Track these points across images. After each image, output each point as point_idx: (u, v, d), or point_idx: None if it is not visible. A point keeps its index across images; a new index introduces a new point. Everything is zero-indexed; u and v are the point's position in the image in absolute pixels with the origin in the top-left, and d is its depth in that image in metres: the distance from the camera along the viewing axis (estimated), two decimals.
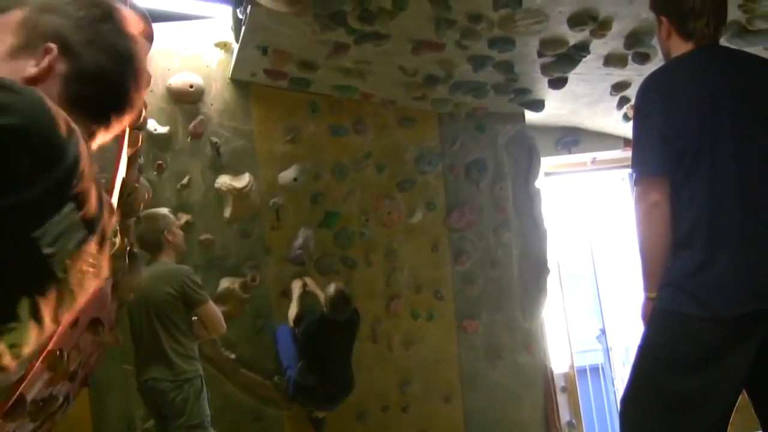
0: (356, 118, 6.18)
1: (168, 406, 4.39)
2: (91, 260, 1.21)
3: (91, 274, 1.22)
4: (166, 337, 4.40)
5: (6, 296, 1.07)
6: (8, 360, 1.10)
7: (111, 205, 1.27)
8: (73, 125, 1.11)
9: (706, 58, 2.79)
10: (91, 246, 1.19)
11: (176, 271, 4.52)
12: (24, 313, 1.08)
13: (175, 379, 4.36)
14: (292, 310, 5.54)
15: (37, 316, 1.11)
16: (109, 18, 1.34)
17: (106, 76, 1.31)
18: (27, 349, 1.12)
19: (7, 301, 1.07)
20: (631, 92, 5.63)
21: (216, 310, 4.61)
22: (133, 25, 1.40)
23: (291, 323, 5.50)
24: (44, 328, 1.12)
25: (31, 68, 1.24)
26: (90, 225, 1.17)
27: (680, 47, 2.84)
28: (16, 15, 1.29)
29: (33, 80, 1.23)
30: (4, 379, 1.82)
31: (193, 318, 4.54)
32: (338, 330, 5.39)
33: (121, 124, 1.40)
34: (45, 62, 1.25)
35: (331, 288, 5.36)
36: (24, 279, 1.09)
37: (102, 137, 1.36)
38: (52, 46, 1.25)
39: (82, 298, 1.22)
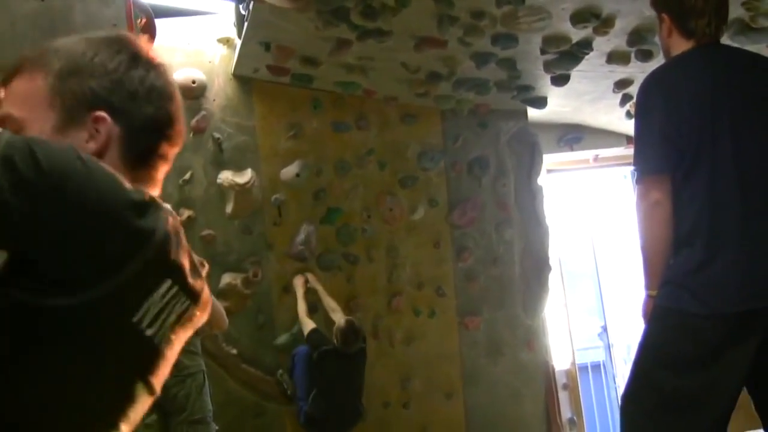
0: (359, 115, 6.18)
1: (170, 401, 4.38)
2: (194, 323, 1.25)
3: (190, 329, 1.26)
4: None
5: (122, 382, 1.11)
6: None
7: (203, 264, 1.33)
8: (158, 201, 1.15)
9: (707, 56, 2.79)
10: (195, 312, 1.23)
11: None
12: (141, 394, 1.14)
13: (176, 374, 4.35)
14: (306, 325, 5.52)
15: (151, 391, 1.18)
16: (137, 58, 1.31)
17: (158, 123, 1.30)
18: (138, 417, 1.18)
19: (124, 386, 1.11)
20: (634, 89, 5.62)
21: (219, 306, 4.59)
22: (148, 46, 1.38)
23: (305, 336, 5.49)
24: (155, 394, 1.19)
25: (89, 145, 1.19)
26: (191, 294, 1.19)
27: (681, 45, 2.84)
28: (40, 84, 1.21)
29: (96, 156, 1.17)
30: None
31: None
32: (349, 360, 5.40)
33: (176, 149, 1.39)
34: (103, 135, 1.21)
35: (342, 321, 5.36)
36: (133, 362, 1.12)
37: (164, 169, 1.38)
38: (103, 115, 1.21)
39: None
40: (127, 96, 1.24)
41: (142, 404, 1.18)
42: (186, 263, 1.18)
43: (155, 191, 1.32)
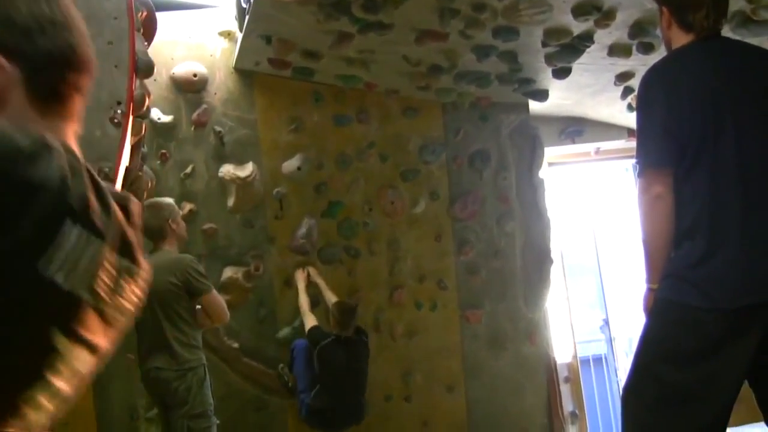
0: (360, 108, 6.17)
1: (171, 395, 4.39)
2: (113, 268, 1.14)
3: (129, 280, 1.17)
4: (168, 326, 4.41)
5: (39, 334, 1.04)
6: (63, 386, 1.09)
7: (124, 198, 1.20)
8: (50, 142, 1.02)
9: (707, 50, 2.78)
10: (109, 253, 1.12)
11: (179, 260, 4.52)
12: (63, 345, 1.05)
13: (178, 368, 4.36)
14: (308, 319, 5.52)
15: (82, 342, 1.08)
16: None
17: (61, 56, 1.20)
18: (84, 372, 1.10)
19: (40, 339, 1.03)
20: (635, 82, 5.60)
21: (219, 299, 4.62)
22: None
23: (306, 333, 5.49)
24: (99, 349, 1.10)
25: None
26: (99, 233, 1.09)
27: (681, 38, 2.84)
28: None
29: None
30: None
31: (197, 307, 4.55)
32: (350, 348, 5.39)
33: (87, 77, 1.28)
34: None
35: (332, 305, 5.43)
36: (49, 313, 1.05)
37: (81, 100, 1.26)
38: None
39: (132, 305, 1.20)
40: (19, 34, 1.16)
41: (78, 358, 1.13)
42: (93, 204, 1.06)
43: (75, 126, 1.23)
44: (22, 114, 1.12)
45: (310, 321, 5.47)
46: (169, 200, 4.78)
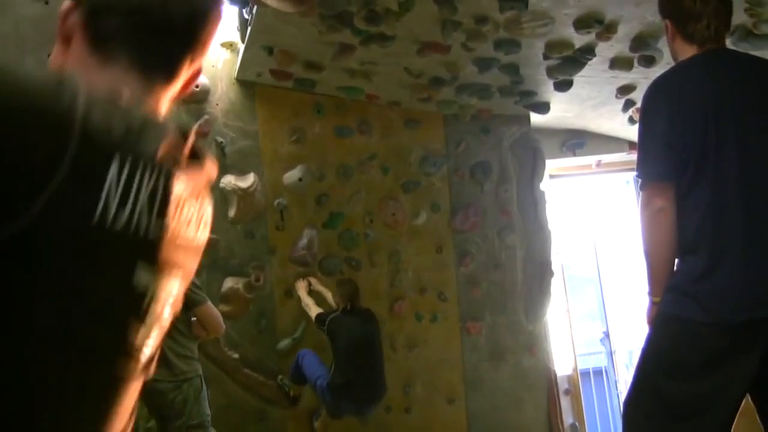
0: (361, 120, 6.18)
1: (167, 406, 4.38)
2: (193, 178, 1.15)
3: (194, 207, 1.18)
4: (164, 337, 4.39)
5: (118, 282, 1.04)
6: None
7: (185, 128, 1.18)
8: (69, 77, 1.00)
9: (710, 62, 2.78)
10: (177, 174, 1.10)
11: None
12: (150, 280, 1.07)
13: (174, 379, 4.36)
14: (312, 310, 5.52)
15: (166, 270, 1.10)
16: None
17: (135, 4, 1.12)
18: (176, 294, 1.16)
19: (123, 286, 1.04)
20: (637, 95, 5.63)
21: (214, 311, 4.61)
22: None
23: (314, 321, 5.48)
24: (174, 269, 1.13)
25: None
26: (152, 159, 1.05)
27: (685, 50, 2.85)
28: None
29: (61, 58, 1.12)
30: None
31: (192, 319, 4.55)
32: (361, 318, 5.37)
33: (192, 65, 1.27)
34: (64, 28, 1.12)
35: (334, 286, 5.44)
36: (121, 258, 1.03)
37: (173, 88, 1.23)
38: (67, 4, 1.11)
39: (202, 231, 1.24)
40: None
41: (168, 286, 1.12)
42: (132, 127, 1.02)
43: (161, 85, 1.19)
44: (79, 57, 1.11)
45: (314, 311, 5.47)
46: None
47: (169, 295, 1.14)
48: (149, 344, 1.14)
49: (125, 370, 1.10)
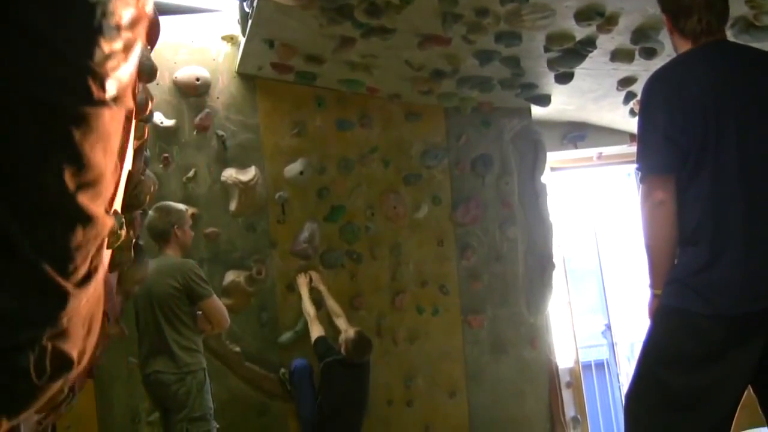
0: (362, 113, 6.18)
1: (171, 398, 4.40)
2: None
3: None
4: (169, 330, 4.42)
5: None
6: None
7: None
8: None
9: (709, 54, 2.78)
10: None
11: (181, 265, 4.54)
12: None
13: (177, 371, 4.38)
14: (314, 328, 5.54)
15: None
16: None
17: None
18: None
19: None
20: (638, 87, 5.61)
21: (220, 305, 4.62)
22: None
23: (312, 341, 5.51)
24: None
25: None
26: None
27: (681, 44, 2.86)
28: None
29: None
30: None
31: (198, 312, 4.56)
32: (357, 371, 5.42)
33: None
34: None
35: (352, 333, 5.39)
36: None
37: None
38: None
39: None
40: None
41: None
42: None
43: None
44: None
45: (316, 331, 5.49)
46: (181, 206, 4.78)
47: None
48: None
49: None
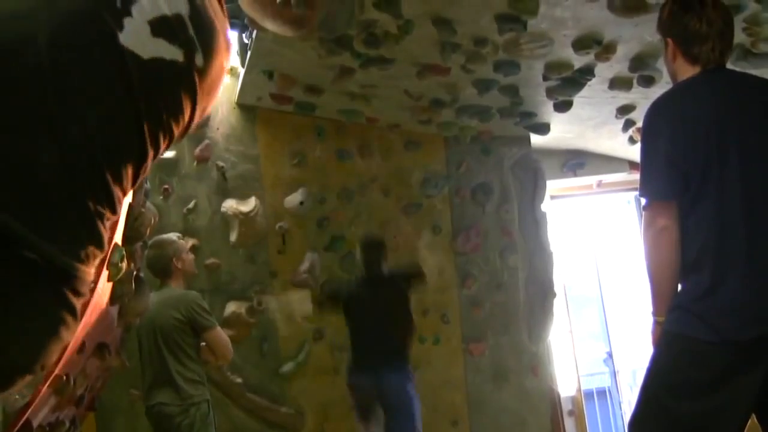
0: (362, 142, 6.19)
1: (174, 430, 4.37)
2: None
3: None
4: (173, 361, 4.40)
5: None
6: None
7: None
8: None
9: (712, 81, 2.78)
10: None
11: (184, 297, 4.52)
12: None
13: (181, 403, 4.35)
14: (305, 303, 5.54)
15: None
16: None
17: None
18: None
19: None
20: (636, 115, 5.64)
21: (223, 336, 4.61)
22: None
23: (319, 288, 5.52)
24: None
25: None
26: None
27: (686, 70, 2.84)
28: None
29: None
30: (12, 404, 1.81)
31: (201, 344, 4.54)
32: (376, 290, 5.30)
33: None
34: None
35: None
36: None
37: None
38: None
39: None
40: None
41: None
42: None
43: None
44: None
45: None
46: (173, 237, 4.76)
47: None
48: None
49: None
